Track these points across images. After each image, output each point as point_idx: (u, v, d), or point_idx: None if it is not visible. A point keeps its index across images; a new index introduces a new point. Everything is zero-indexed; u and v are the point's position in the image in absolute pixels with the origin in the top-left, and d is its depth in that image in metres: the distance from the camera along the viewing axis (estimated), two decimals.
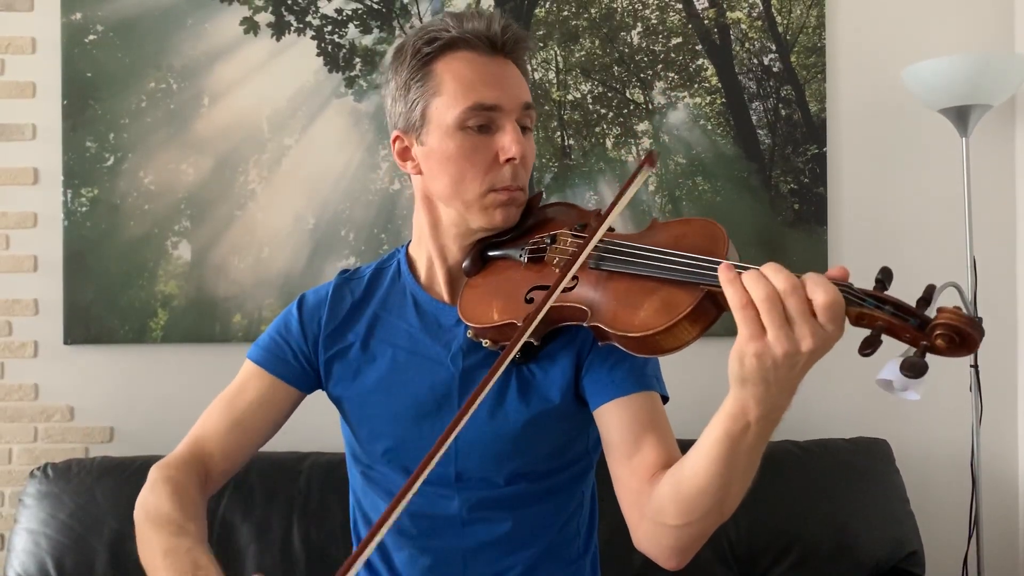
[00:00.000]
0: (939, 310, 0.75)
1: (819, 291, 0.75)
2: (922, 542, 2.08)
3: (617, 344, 0.93)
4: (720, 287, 0.80)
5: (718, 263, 0.82)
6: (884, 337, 0.77)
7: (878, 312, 0.76)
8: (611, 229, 1.08)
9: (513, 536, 1.12)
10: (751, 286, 0.77)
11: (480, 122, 1.05)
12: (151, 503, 1.06)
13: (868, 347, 0.75)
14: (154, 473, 1.11)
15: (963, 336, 0.73)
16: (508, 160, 1.05)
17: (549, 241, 1.06)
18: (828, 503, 2.04)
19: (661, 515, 0.94)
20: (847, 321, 0.78)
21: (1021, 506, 2.36)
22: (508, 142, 1.05)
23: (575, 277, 0.98)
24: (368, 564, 1.20)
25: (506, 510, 1.12)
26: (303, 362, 1.18)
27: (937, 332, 0.74)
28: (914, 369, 0.74)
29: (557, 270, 1.03)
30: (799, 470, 2.07)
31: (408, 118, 1.09)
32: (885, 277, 0.79)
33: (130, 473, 2.00)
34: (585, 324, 0.96)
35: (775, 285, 0.76)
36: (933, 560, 2.14)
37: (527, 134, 1.09)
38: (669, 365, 1.11)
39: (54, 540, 1.93)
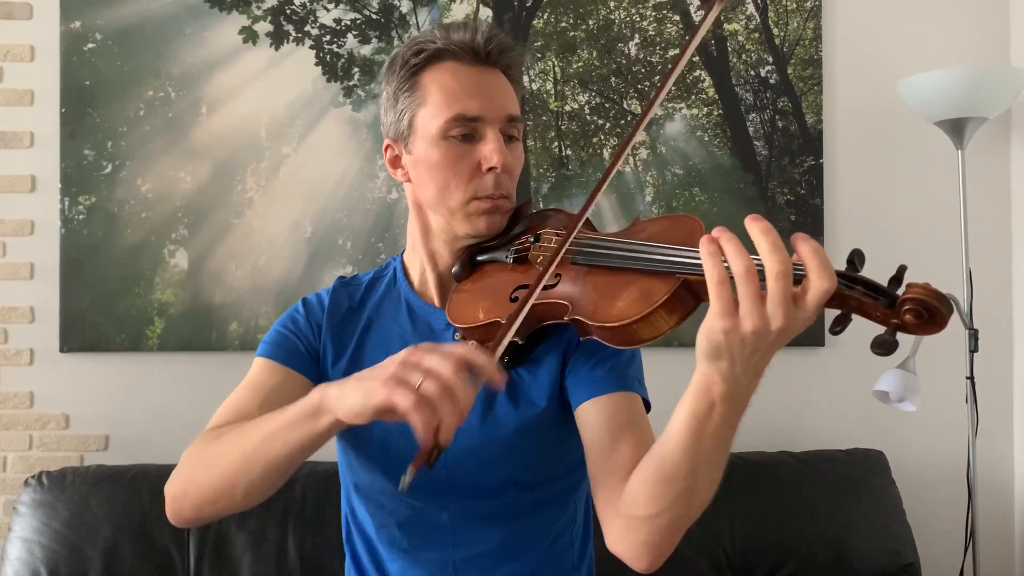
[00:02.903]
0: (908, 285, 0.75)
1: (824, 279, 0.75)
2: (918, 554, 2.07)
3: (596, 337, 0.95)
4: (697, 275, 0.81)
5: (694, 252, 0.82)
6: (856, 317, 0.78)
7: (849, 292, 0.77)
8: (592, 227, 1.11)
9: (503, 548, 1.12)
10: (732, 259, 0.76)
11: (463, 131, 1.07)
12: (214, 436, 1.02)
13: (838, 325, 0.76)
14: (198, 440, 1.05)
15: (931, 311, 0.74)
16: (490, 169, 1.07)
17: (533, 240, 1.09)
18: (824, 514, 2.04)
19: (631, 507, 0.93)
20: None
21: (1017, 517, 2.36)
22: (489, 151, 1.07)
23: (557, 274, 1.01)
24: (362, 575, 1.20)
25: (496, 521, 1.12)
26: (311, 353, 1.17)
27: (905, 308, 0.74)
28: (884, 346, 0.75)
29: (540, 268, 1.05)
30: (795, 481, 2.07)
31: (397, 127, 1.12)
32: (856, 258, 0.79)
33: (125, 482, 1.99)
34: (566, 318, 0.98)
35: (770, 266, 0.75)
36: (929, 572, 2.14)
37: (513, 143, 1.11)
38: (653, 378, 1.12)
39: (48, 549, 1.92)
